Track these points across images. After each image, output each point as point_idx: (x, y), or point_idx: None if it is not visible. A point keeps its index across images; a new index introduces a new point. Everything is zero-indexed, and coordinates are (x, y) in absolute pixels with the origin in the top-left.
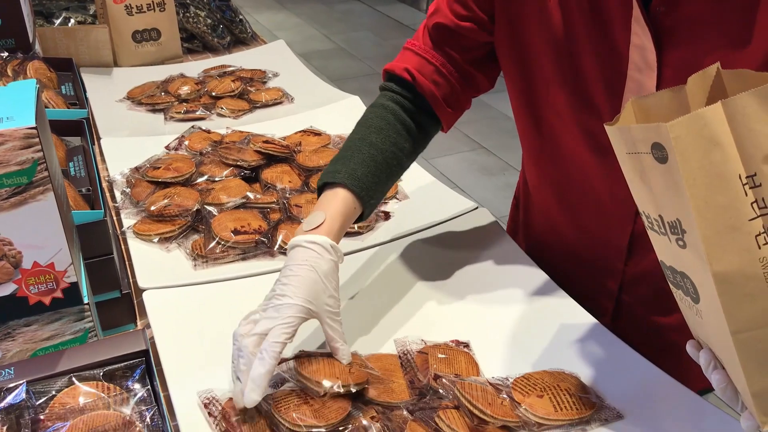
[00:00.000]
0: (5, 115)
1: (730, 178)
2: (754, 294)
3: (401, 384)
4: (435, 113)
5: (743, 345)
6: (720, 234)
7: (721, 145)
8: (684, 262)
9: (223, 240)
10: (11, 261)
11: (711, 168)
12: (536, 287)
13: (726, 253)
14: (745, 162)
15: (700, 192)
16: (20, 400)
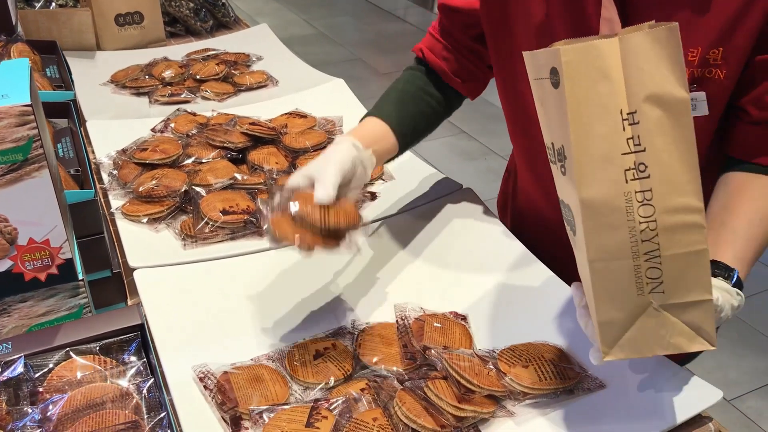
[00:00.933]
0: (0, 93)
1: (613, 111)
2: (614, 226)
3: (395, 353)
4: (450, 86)
5: (597, 274)
6: (593, 162)
7: (610, 78)
8: (565, 191)
9: (212, 220)
10: (7, 237)
11: (596, 98)
12: (521, 264)
13: (596, 181)
14: (629, 98)
15: (581, 119)
16: (18, 374)
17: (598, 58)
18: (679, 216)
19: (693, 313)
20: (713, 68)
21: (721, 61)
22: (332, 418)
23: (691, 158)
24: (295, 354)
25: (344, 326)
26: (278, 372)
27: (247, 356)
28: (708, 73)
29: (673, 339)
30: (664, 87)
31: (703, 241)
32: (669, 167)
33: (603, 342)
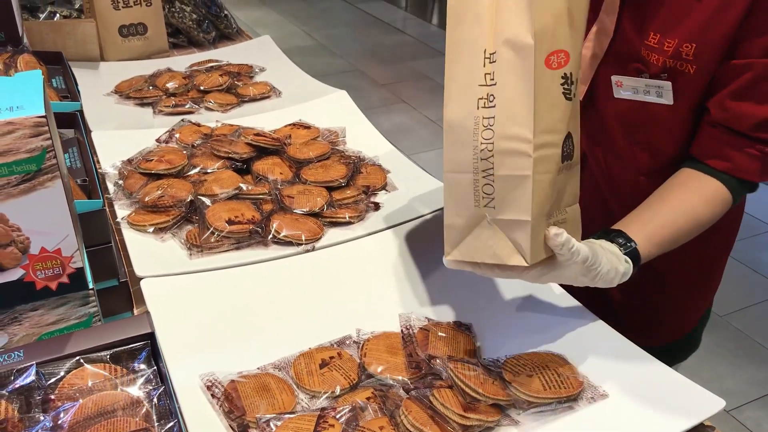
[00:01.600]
0: (15, 104)
1: (479, 50)
2: (463, 143)
3: (400, 362)
4: None
5: (447, 183)
6: (458, 89)
7: (481, 22)
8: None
9: (218, 230)
10: (19, 247)
11: (469, 37)
12: None
13: (457, 103)
14: (493, 40)
15: (455, 53)
16: (30, 381)
17: (477, 4)
18: (512, 143)
19: (516, 232)
20: (684, 62)
21: (692, 58)
22: (339, 427)
23: (529, 97)
24: (301, 363)
25: (349, 335)
26: (284, 381)
27: (254, 365)
28: (679, 66)
29: (498, 250)
30: (518, 34)
31: (528, 168)
32: (511, 101)
33: (447, 243)
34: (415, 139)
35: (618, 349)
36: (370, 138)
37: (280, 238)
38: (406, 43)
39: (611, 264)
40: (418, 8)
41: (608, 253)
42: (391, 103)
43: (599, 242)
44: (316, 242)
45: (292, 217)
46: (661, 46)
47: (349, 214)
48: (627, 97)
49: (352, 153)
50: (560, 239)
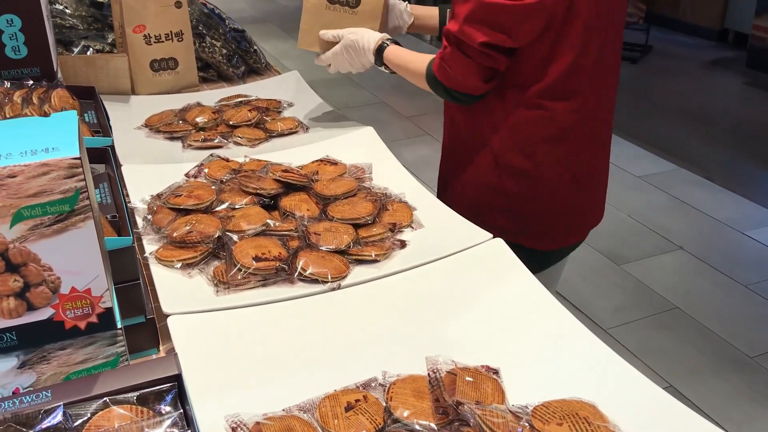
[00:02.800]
0: (50, 146)
1: None
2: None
3: (427, 407)
4: None
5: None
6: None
7: None
8: None
9: (245, 267)
10: (50, 286)
11: None
12: (552, 317)
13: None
14: None
15: None
16: (57, 422)
17: None
18: None
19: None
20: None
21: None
22: None
23: None
24: (326, 405)
25: (375, 378)
26: (310, 424)
27: (279, 405)
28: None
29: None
30: None
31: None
32: None
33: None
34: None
35: (651, 398)
36: (396, 174)
37: (305, 276)
38: None
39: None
40: None
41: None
42: (415, 136)
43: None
44: (342, 280)
45: (318, 255)
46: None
47: (375, 252)
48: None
49: (378, 190)
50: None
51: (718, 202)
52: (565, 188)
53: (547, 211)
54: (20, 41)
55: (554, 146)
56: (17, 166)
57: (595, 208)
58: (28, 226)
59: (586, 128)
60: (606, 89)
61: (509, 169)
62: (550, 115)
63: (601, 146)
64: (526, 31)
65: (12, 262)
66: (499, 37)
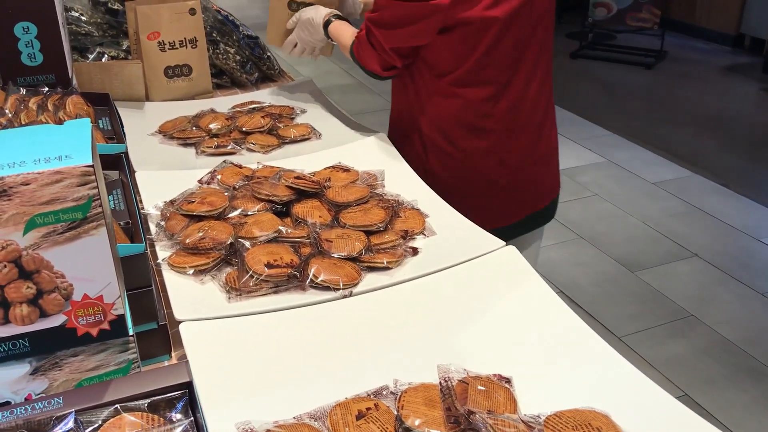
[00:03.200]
0: (63, 153)
1: None
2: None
3: (439, 416)
4: None
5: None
6: None
7: None
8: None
9: (257, 273)
10: (63, 293)
11: None
12: (565, 326)
13: None
14: None
15: None
16: (69, 429)
17: None
18: None
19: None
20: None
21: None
22: None
23: None
24: (337, 413)
25: (386, 386)
26: None
27: (290, 413)
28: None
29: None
30: None
31: None
32: None
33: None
34: None
35: (665, 408)
36: (408, 181)
37: (317, 283)
38: None
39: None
40: None
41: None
42: None
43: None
44: (354, 287)
45: (330, 262)
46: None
47: (387, 259)
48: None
49: (391, 197)
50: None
51: (733, 209)
52: (492, 171)
53: (476, 192)
54: (36, 48)
55: (474, 132)
56: (31, 174)
57: (536, 189)
58: (41, 233)
59: (509, 116)
60: (533, 78)
61: (435, 150)
62: (463, 102)
63: (537, 129)
64: (424, 31)
65: (25, 269)
66: (401, 39)
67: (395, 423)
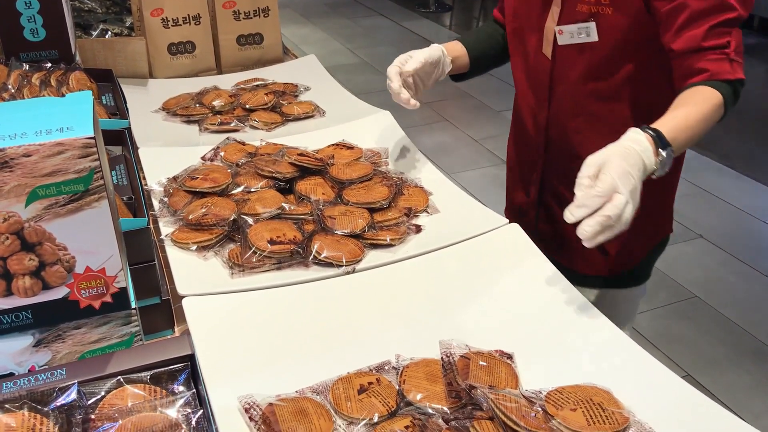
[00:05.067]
0: (65, 125)
1: None
2: None
3: (440, 390)
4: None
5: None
6: None
7: None
8: None
9: (260, 249)
10: (65, 266)
11: None
12: (568, 303)
13: None
14: None
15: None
16: (72, 400)
17: None
18: None
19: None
20: (603, 6)
21: (608, 2)
22: None
23: None
24: (339, 388)
25: (388, 361)
26: (322, 405)
27: (292, 387)
28: (601, 10)
29: None
30: None
31: None
32: None
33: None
34: (457, 157)
35: (666, 385)
36: (412, 159)
37: (320, 259)
38: None
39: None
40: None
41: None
42: (434, 122)
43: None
44: (357, 264)
45: (333, 238)
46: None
47: (390, 237)
48: (567, 42)
49: (395, 174)
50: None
51: (740, 191)
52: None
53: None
54: (38, 24)
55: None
56: (32, 146)
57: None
58: (43, 205)
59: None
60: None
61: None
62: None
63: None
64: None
65: (27, 241)
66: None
67: (397, 397)
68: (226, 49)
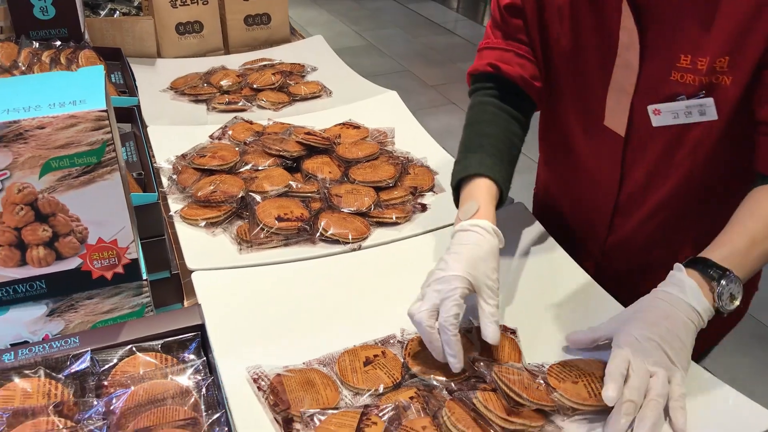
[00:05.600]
0: (77, 98)
1: None
2: None
3: (444, 364)
4: (527, 94)
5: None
6: None
7: None
8: None
9: (267, 226)
10: (78, 237)
11: None
12: (571, 280)
13: None
14: None
15: None
16: (85, 367)
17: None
18: None
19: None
20: (720, 75)
21: (727, 69)
22: (381, 425)
23: None
24: (345, 360)
25: (393, 335)
26: (329, 377)
27: (299, 359)
28: (715, 79)
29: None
30: None
31: None
32: None
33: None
34: None
35: None
36: (418, 139)
37: (327, 236)
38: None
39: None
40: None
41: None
42: (440, 105)
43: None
44: (363, 241)
45: (339, 216)
46: (695, 66)
47: (396, 215)
48: (668, 123)
49: (401, 154)
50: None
51: None
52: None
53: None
54: (48, 2)
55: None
56: (46, 118)
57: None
58: (56, 177)
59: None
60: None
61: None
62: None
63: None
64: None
65: (41, 212)
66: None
67: (402, 369)
68: (233, 29)
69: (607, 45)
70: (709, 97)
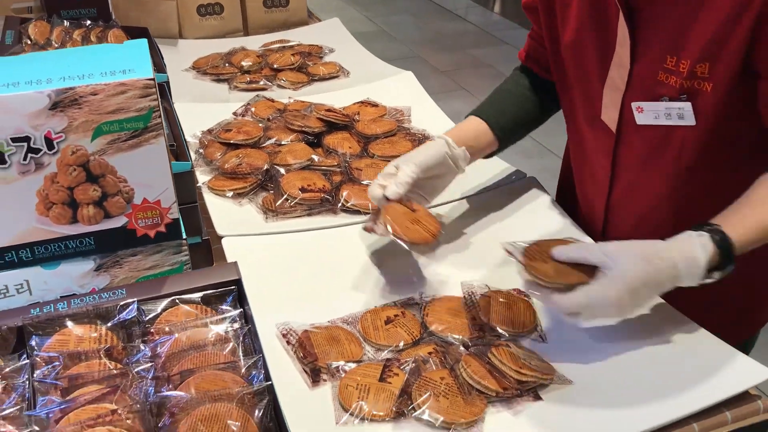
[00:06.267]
0: (126, 68)
1: None
2: None
3: (463, 323)
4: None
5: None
6: None
7: None
8: None
9: (292, 196)
10: (125, 197)
11: None
12: None
13: None
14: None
15: None
16: (132, 316)
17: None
18: None
19: None
20: (701, 81)
21: (708, 75)
22: (403, 375)
23: None
24: (367, 319)
25: (412, 297)
26: (353, 334)
27: (324, 319)
28: (697, 84)
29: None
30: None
31: None
32: None
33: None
34: None
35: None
36: (434, 118)
37: (348, 207)
38: (467, 31)
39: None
40: None
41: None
42: (451, 90)
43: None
44: None
45: (360, 188)
46: (677, 68)
47: None
48: (649, 122)
49: (417, 131)
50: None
51: None
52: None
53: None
54: None
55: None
56: (99, 85)
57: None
58: (106, 140)
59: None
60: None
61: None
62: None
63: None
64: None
65: (92, 173)
66: None
67: (420, 328)
68: (253, 11)
69: (605, 41)
70: (688, 102)
